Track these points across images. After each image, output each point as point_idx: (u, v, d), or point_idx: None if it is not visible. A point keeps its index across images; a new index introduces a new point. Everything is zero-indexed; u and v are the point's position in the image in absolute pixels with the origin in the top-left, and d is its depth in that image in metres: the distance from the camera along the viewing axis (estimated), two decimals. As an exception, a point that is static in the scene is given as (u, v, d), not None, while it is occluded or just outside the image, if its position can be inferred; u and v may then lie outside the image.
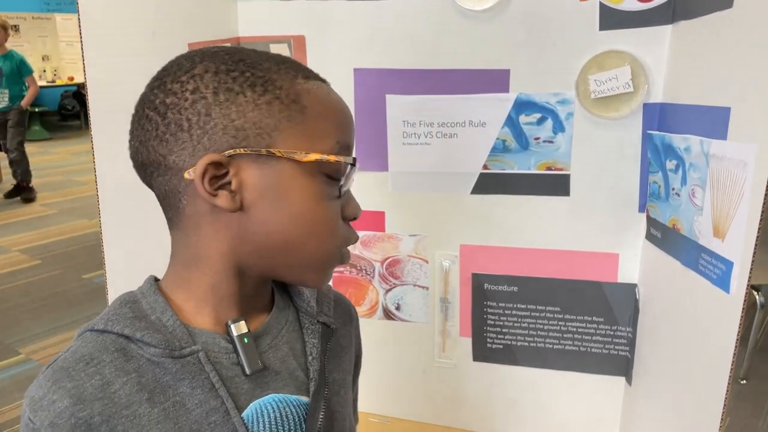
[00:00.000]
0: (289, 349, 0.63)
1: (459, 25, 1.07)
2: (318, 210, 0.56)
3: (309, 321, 0.66)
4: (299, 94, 0.56)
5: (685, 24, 0.94)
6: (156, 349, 0.54)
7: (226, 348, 0.58)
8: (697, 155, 0.88)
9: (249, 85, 0.55)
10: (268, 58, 0.58)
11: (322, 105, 0.57)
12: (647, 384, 1.07)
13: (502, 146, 1.10)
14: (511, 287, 1.17)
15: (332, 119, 0.57)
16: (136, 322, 0.56)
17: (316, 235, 0.57)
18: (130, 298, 0.59)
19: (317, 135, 0.56)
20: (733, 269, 0.78)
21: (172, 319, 0.57)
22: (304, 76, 0.57)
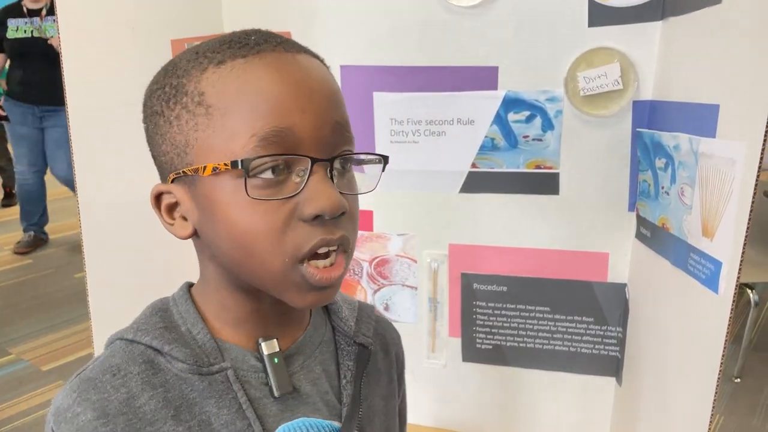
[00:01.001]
0: (322, 370, 0.59)
1: (447, 21, 1.06)
2: (250, 220, 0.48)
3: (345, 342, 0.62)
4: (203, 91, 0.49)
5: (674, 20, 0.93)
6: (184, 365, 0.52)
7: (255, 367, 0.55)
8: (686, 153, 0.87)
9: (165, 101, 0.51)
10: (192, 52, 0.52)
11: (230, 94, 0.48)
12: (637, 384, 1.06)
13: (490, 144, 1.09)
14: (500, 287, 1.16)
15: (244, 107, 0.48)
16: (166, 333, 0.54)
17: (253, 251, 0.49)
18: (162, 306, 0.57)
19: (228, 134, 0.48)
20: (722, 269, 0.77)
21: (202, 332, 0.54)
22: (219, 61, 0.49)
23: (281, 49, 0.50)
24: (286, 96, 0.48)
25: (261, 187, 0.48)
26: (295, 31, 1.12)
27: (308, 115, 0.48)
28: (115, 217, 0.98)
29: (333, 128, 0.50)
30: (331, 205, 0.48)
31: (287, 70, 0.49)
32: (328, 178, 0.49)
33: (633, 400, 1.07)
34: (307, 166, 0.48)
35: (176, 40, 1.04)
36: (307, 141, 0.48)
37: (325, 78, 0.52)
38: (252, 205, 0.48)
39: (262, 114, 0.47)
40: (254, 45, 0.50)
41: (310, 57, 0.53)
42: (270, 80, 0.48)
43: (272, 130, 0.47)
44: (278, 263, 0.49)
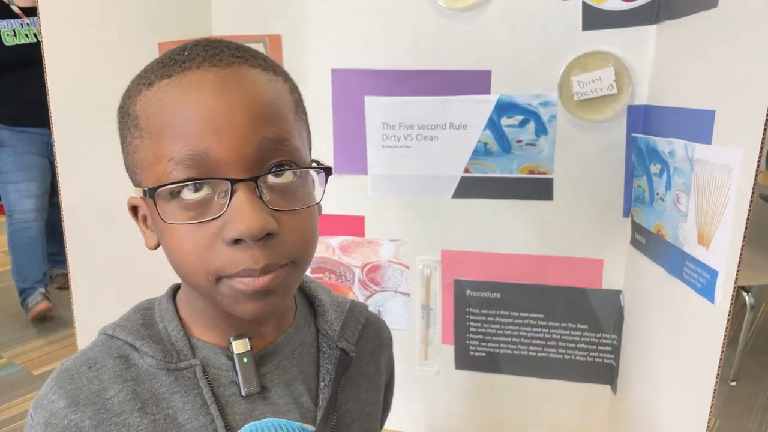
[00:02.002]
0: (299, 372, 0.59)
1: (439, 24, 1.04)
2: (177, 240, 0.49)
3: (327, 345, 0.61)
4: (137, 114, 0.49)
5: (669, 24, 0.91)
6: (153, 360, 0.54)
7: (226, 365, 0.56)
8: (681, 159, 0.85)
9: (120, 122, 0.53)
10: (141, 71, 0.52)
11: (156, 117, 0.48)
12: (633, 392, 1.05)
13: (483, 149, 1.08)
14: (493, 294, 1.14)
15: (166, 131, 0.47)
16: (142, 330, 0.56)
17: (183, 268, 0.50)
18: (147, 305, 0.59)
19: (154, 158, 0.48)
20: (718, 278, 0.76)
21: (176, 330, 0.56)
22: (149, 83, 0.49)
23: (207, 64, 0.48)
24: (200, 117, 0.46)
25: (184, 209, 0.48)
26: (285, 33, 1.11)
27: (225, 136, 0.46)
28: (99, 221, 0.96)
29: (259, 146, 0.47)
30: (249, 228, 0.46)
31: (206, 89, 0.47)
32: (256, 197, 0.47)
33: (628, 407, 1.06)
34: (227, 188, 0.47)
35: (163, 42, 1.02)
36: (224, 162, 0.46)
37: (254, 91, 0.49)
38: (177, 228, 0.48)
39: (178, 137, 0.46)
40: (182, 62, 0.48)
41: (247, 68, 0.49)
42: (186, 102, 0.47)
43: (187, 153, 0.46)
44: (204, 282, 0.49)
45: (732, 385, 2.44)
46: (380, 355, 0.68)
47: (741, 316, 2.50)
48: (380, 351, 0.68)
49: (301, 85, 1.13)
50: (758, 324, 2.87)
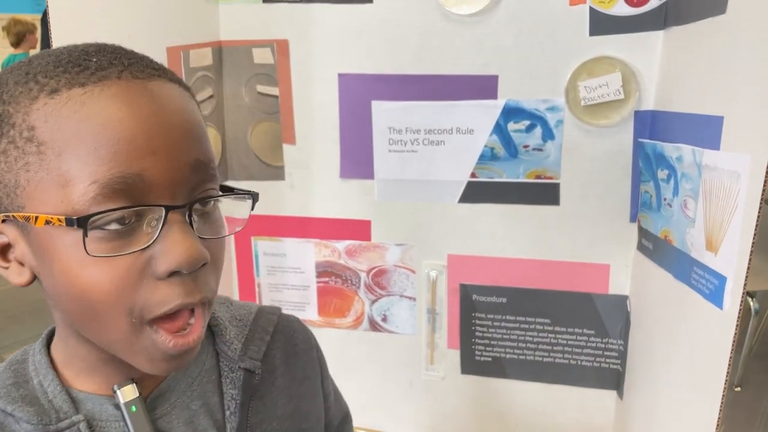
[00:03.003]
0: (201, 404, 0.54)
1: (446, 29, 1.04)
2: (92, 277, 0.42)
3: (229, 368, 0.56)
4: (33, 126, 0.41)
5: (677, 30, 0.91)
6: (29, 425, 0.47)
7: (114, 415, 0.50)
8: (689, 165, 0.85)
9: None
10: (21, 73, 0.43)
11: (66, 131, 0.41)
12: (639, 398, 1.04)
13: (490, 154, 1.08)
14: (499, 298, 1.14)
15: (83, 148, 0.40)
16: (13, 390, 0.49)
17: (96, 312, 0.43)
18: (21, 357, 0.52)
19: (64, 179, 0.41)
20: (727, 284, 0.76)
21: (52, 384, 0.49)
22: (52, 90, 0.41)
23: (128, 74, 0.43)
24: (132, 134, 0.41)
25: (105, 240, 0.41)
26: (293, 38, 1.11)
27: (161, 157, 0.41)
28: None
29: (192, 168, 0.44)
30: (188, 258, 0.42)
31: (134, 102, 0.42)
32: (187, 224, 0.43)
33: (634, 413, 1.06)
34: (160, 215, 0.42)
35: (171, 47, 1.02)
36: (159, 186, 0.42)
37: (183, 108, 0.45)
38: (94, 261, 0.41)
39: (104, 157, 0.40)
40: (96, 70, 0.42)
41: (166, 82, 0.45)
42: (112, 115, 0.41)
43: (117, 176, 0.40)
44: (124, 326, 0.43)
45: (736, 390, 2.43)
46: (296, 362, 0.62)
47: (745, 322, 2.50)
48: (296, 357, 0.63)
49: (308, 90, 1.15)
50: (762, 329, 2.87)
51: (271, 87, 1.14)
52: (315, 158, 1.15)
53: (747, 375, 2.48)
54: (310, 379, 0.64)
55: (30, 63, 0.44)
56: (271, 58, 1.13)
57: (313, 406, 0.63)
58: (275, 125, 1.16)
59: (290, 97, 1.14)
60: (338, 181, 1.15)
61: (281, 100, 1.14)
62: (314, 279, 1.22)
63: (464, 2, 1.02)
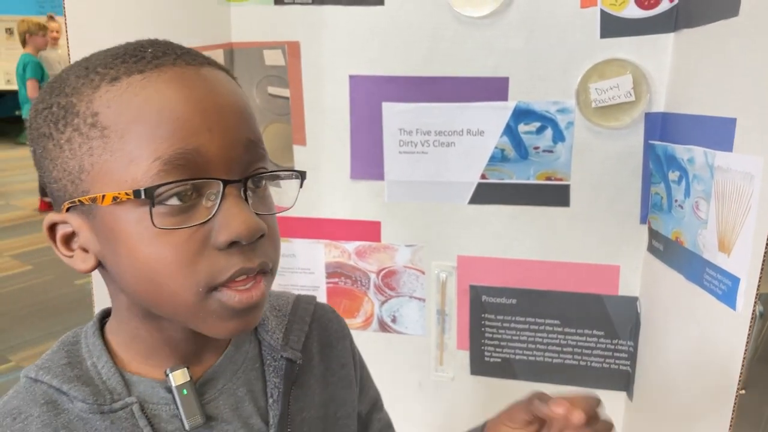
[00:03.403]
0: (246, 391, 0.56)
1: (456, 31, 1.05)
2: (158, 252, 0.44)
3: (272, 357, 0.58)
4: (97, 112, 0.44)
5: (688, 32, 0.92)
6: (84, 404, 0.49)
7: (165, 398, 0.52)
8: (701, 167, 0.86)
9: (53, 123, 0.46)
10: (81, 67, 0.47)
11: (128, 114, 0.44)
12: (649, 400, 1.05)
13: (500, 155, 1.08)
14: (509, 299, 1.14)
15: (144, 128, 0.43)
16: (68, 370, 0.50)
17: (163, 284, 0.45)
18: (72, 339, 0.54)
19: (127, 159, 0.44)
20: (740, 285, 0.76)
21: (107, 366, 0.51)
22: (113, 78, 0.45)
23: (182, 62, 0.46)
24: (189, 114, 0.44)
25: (168, 215, 0.44)
26: (304, 40, 1.12)
27: (216, 134, 0.45)
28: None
29: (245, 146, 0.47)
30: (248, 229, 0.45)
31: (191, 86, 0.45)
32: (243, 199, 0.46)
33: (644, 415, 1.06)
34: (218, 190, 0.45)
35: (184, 49, 1.03)
36: (216, 162, 0.45)
37: (233, 92, 0.48)
38: (159, 235, 0.44)
39: (165, 135, 0.43)
40: (152, 59, 0.45)
41: (216, 69, 0.49)
42: (171, 97, 0.44)
43: (177, 152, 0.43)
44: (191, 295, 0.45)
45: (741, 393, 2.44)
46: (331, 351, 0.64)
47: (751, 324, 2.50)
48: (330, 346, 0.65)
49: (319, 91, 1.15)
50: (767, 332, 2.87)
51: (282, 89, 1.15)
52: (325, 159, 1.16)
53: (752, 378, 2.48)
54: (344, 367, 0.65)
55: (88, 59, 0.48)
56: (282, 59, 1.13)
57: (348, 394, 0.65)
58: (286, 126, 1.16)
59: (301, 99, 1.14)
60: (348, 182, 1.16)
61: (292, 102, 1.15)
62: (324, 280, 1.23)
63: (475, 4, 1.02)
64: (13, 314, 3.12)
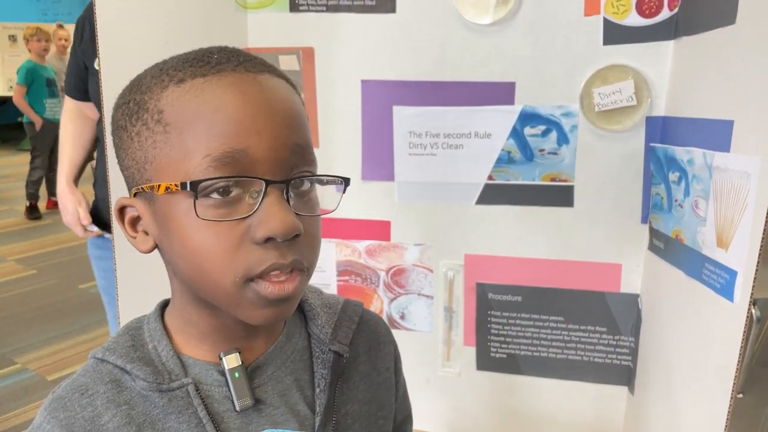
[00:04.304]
0: (293, 380, 0.59)
1: (465, 38, 1.09)
2: (202, 240, 0.49)
3: (320, 349, 0.61)
4: (162, 110, 0.49)
5: (687, 39, 0.96)
6: (145, 383, 0.53)
7: (218, 381, 0.56)
8: (700, 167, 0.90)
9: (128, 117, 0.52)
10: (157, 69, 0.52)
11: (189, 113, 0.48)
12: (650, 393, 1.08)
13: (507, 157, 1.12)
14: (515, 297, 1.18)
15: (202, 128, 0.48)
16: (132, 352, 0.55)
17: (205, 270, 0.50)
18: (136, 324, 0.59)
19: (183, 154, 0.48)
20: (737, 278, 0.80)
21: (166, 349, 0.56)
22: (179, 80, 0.49)
23: (242, 68, 0.50)
24: (242, 117, 0.48)
25: (214, 207, 0.48)
26: (318, 46, 1.16)
27: (264, 137, 0.48)
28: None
29: (291, 150, 0.50)
30: (284, 227, 0.48)
31: (245, 90, 0.49)
32: (284, 199, 0.49)
33: (645, 408, 1.10)
34: (261, 188, 0.48)
35: (204, 53, 1.07)
36: (262, 162, 0.48)
37: (286, 98, 0.51)
38: (204, 226, 0.48)
39: (217, 134, 0.47)
40: (215, 64, 0.50)
41: (274, 77, 0.52)
42: (226, 100, 0.48)
43: (226, 150, 0.47)
44: (229, 282, 0.49)
45: (739, 397, 2.46)
46: (378, 353, 0.67)
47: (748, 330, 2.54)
48: (377, 349, 0.68)
49: (332, 95, 1.19)
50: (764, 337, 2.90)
51: (296, 92, 1.19)
52: (337, 161, 1.20)
53: (750, 382, 2.51)
54: (388, 370, 0.68)
55: (165, 62, 0.53)
56: (297, 64, 1.17)
57: (389, 396, 0.68)
58: (299, 129, 1.20)
59: (314, 103, 1.19)
60: (359, 182, 1.20)
61: (306, 105, 1.18)
62: (335, 278, 1.26)
63: (484, 12, 1.07)
64: (18, 317, 3.15)
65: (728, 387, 0.83)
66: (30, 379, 2.59)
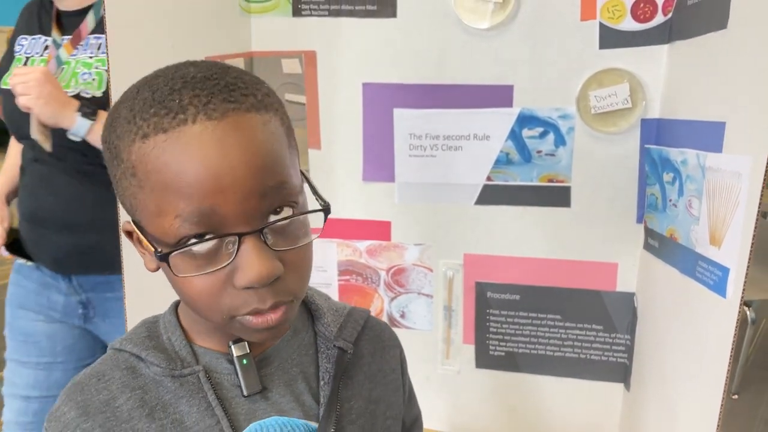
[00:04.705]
0: (299, 372, 0.62)
1: (464, 42, 1.12)
2: (187, 287, 0.52)
3: (325, 345, 0.64)
4: (134, 165, 0.50)
5: (681, 44, 0.99)
6: (158, 368, 0.57)
7: (227, 369, 0.59)
8: (693, 167, 0.92)
9: (110, 159, 0.53)
10: (128, 109, 0.50)
11: (153, 174, 0.48)
12: (645, 389, 1.11)
13: (505, 159, 1.15)
14: (513, 295, 1.20)
15: (169, 188, 0.48)
16: (147, 341, 0.59)
17: (195, 306, 0.54)
18: (153, 319, 0.64)
19: (158, 211, 0.50)
20: (729, 274, 0.82)
21: (179, 340, 0.59)
22: (144, 134, 0.48)
23: (203, 117, 0.48)
24: (203, 178, 0.47)
25: (192, 261, 0.50)
26: (320, 50, 1.18)
27: (229, 193, 0.48)
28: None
29: (261, 195, 0.49)
30: (259, 277, 0.49)
31: (206, 146, 0.47)
32: (261, 245, 0.49)
33: (641, 404, 1.12)
34: (235, 240, 0.49)
35: (209, 57, 1.09)
36: (231, 217, 0.48)
37: (252, 143, 0.49)
38: (189, 272, 0.50)
39: (182, 196, 0.48)
40: (176, 113, 0.48)
41: (241, 113, 0.49)
42: (187, 162, 0.47)
43: (194, 210, 0.48)
44: (219, 319, 0.53)
45: (734, 398, 2.49)
46: (383, 355, 0.70)
47: (743, 330, 2.57)
48: (382, 351, 0.70)
49: (334, 98, 1.22)
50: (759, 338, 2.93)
51: (299, 95, 1.21)
52: (339, 162, 1.22)
53: (744, 384, 2.54)
54: (394, 372, 0.70)
55: (137, 95, 0.51)
56: (300, 68, 1.20)
57: (397, 397, 0.70)
58: (302, 131, 1.23)
59: (317, 105, 1.21)
60: (360, 183, 1.22)
61: (308, 108, 1.21)
62: (336, 277, 1.29)
63: (482, 17, 1.09)
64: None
65: (721, 382, 0.85)
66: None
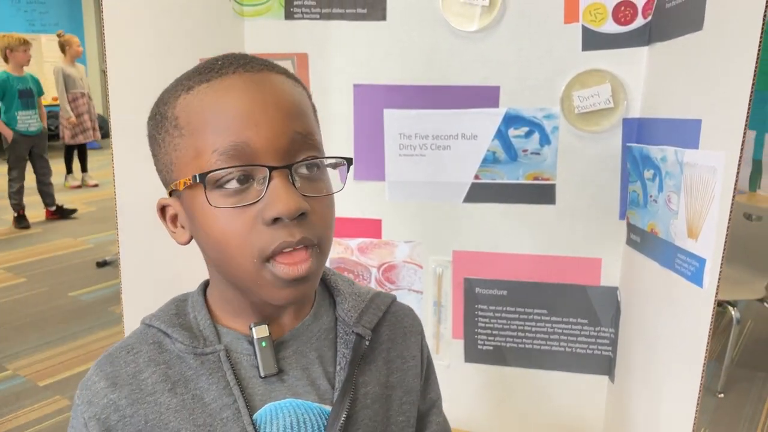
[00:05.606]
0: (317, 356, 0.63)
1: (452, 44, 1.15)
2: (220, 226, 0.54)
3: (344, 331, 0.65)
4: (177, 115, 0.55)
5: (660, 45, 1.03)
6: (182, 345, 0.60)
7: (248, 350, 0.61)
8: (672, 164, 0.96)
9: (155, 127, 0.58)
10: (174, 82, 0.58)
11: (197, 115, 0.54)
12: (629, 381, 1.14)
13: (492, 158, 1.18)
14: (500, 291, 1.24)
15: (208, 127, 0.53)
16: (175, 319, 0.62)
17: (227, 253, 0.55)
18: (182, 297, 0.66)
19: (196, 152, 0.54)
20: (706, 265, 0.86)
21: (204, 319, 0.62)
22: (188, 88, 0.55)
23: (242, 70, 0.55)
24: (240, 113, 0.53)
25: (227, 196, 0.53)
26: (312, 52, 1.22)
27: (263, 128, 0.53)
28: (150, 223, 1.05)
29: (291, 138, 0.54)
30: (288, 208, 0.52)
31: (243, 89, 0.54)
32: (289, 183, 0.53)
33: (625, 395, 1.15)
34: (265, 174, 0.53)
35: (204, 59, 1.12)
36: (264, 152, 0.53)
37: (284, 91, 0.56)
38: (220, 213, 0.53)
39: (220, 131, 0.53)
40: (218, 69, 0.55)
41: (273, 74, 0.57)
42: (226, 100, 0.53)
43: (230, 144, 0.52)
44: (248, 264, 0.54)
45: (720, 397, 2.52)
46: (403, 341, 0.70)
47: (728, 331, 2.61)
48: (403, 338, 0.70)
49: (325, 99, 1.25)
50: (744, 338, 2.97)
51: (291, 96, 1.24)
52: (330, 162, 1.25)
53: (730, 383, 2.57)
54: (414, 359, 0.71)
55: (182, 75, 0.59)
56: (292, 70, 1.23)
57: (414, 384, 0.70)
58: (294, 131, 1.25)
59: (309, 106, 1.24)
60: (352, 182, 1.25)
61: (300, 108, 1.24)
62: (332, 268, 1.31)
63: (470, 20, 1.13)
64: (8, 325, 3.15)
65: (698, 369, 0.89)
66: (21, 385, 2.60)
